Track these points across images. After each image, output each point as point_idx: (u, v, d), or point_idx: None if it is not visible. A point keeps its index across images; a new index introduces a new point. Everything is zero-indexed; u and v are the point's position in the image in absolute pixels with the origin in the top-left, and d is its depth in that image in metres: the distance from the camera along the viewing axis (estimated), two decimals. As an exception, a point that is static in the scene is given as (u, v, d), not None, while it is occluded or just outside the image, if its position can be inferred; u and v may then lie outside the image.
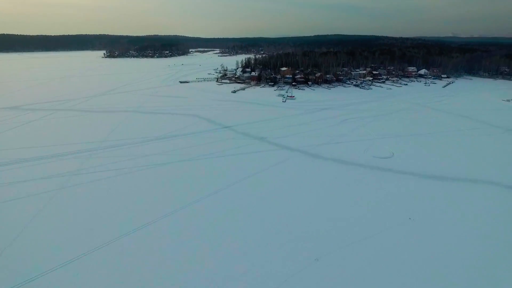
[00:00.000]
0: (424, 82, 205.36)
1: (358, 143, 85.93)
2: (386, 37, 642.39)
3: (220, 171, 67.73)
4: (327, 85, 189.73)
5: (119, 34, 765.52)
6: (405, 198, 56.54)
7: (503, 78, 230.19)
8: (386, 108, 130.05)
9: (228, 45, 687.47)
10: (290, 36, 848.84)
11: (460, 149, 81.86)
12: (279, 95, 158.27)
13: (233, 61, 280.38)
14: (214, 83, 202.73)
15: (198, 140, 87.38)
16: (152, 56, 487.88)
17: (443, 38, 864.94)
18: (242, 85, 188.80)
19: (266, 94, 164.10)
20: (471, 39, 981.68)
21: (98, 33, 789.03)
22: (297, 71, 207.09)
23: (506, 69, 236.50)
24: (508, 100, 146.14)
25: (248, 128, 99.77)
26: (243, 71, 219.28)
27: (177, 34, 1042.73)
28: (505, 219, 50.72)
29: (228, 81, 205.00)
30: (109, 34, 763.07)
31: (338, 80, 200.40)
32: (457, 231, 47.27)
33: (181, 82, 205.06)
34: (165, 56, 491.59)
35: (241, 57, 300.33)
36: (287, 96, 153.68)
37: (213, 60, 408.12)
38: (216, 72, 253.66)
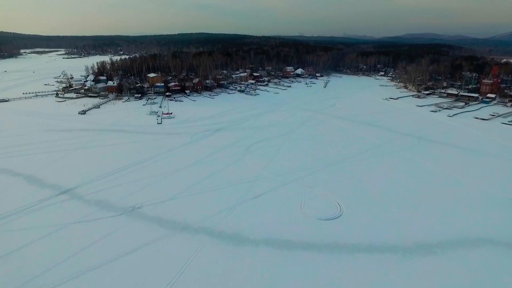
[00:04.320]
0: (305, 82, 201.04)
1: (285, 191, 58.83)
2: (250, 36, 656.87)
3: None
4: (209, 92, 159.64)
5: None
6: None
7: (363, 74, 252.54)
8: (288, 121, 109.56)
9: (77, 45, 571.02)
10: (152, 35, 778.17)
11: (407, 180, 65.18)
12: (151, 112, 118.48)
13: (83, 65, 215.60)
14: (53, 99, 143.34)
15: (-6, 246, 42.75)
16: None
17: (293, 37, 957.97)
18: (96, 101, 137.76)
19: (132, 112, 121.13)
20: (314, 38, 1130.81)
21: None
22: (170, 77, 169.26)
23: (364, 66, 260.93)
24: (387, 99, 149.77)
25: (106, 187, 59.53)
26: (96, 80, 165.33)
27: (4, 30, 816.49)
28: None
29: (74, 96, 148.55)
30: None
31: (220, 85, 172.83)
32: None
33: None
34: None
35: (95, 59, 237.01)
36: (162, 113, 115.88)
37: (56, 64, 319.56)
38: (58, 82, 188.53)
